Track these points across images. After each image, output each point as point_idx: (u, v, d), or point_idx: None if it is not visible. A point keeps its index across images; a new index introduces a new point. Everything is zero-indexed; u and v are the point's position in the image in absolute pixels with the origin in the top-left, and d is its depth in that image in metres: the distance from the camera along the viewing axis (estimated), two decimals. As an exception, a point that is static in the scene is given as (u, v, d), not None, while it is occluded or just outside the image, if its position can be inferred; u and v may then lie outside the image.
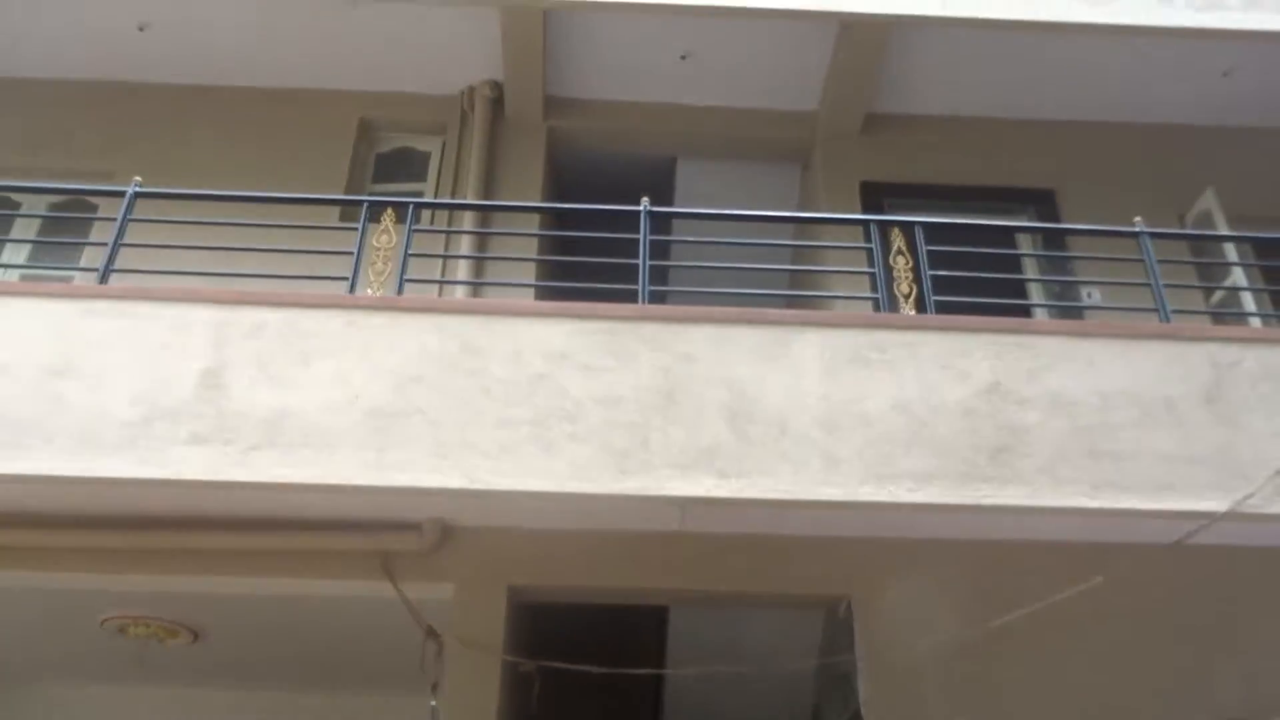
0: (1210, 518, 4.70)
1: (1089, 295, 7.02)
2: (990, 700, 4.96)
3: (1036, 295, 7.31)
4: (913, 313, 5.41)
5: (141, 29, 7.26)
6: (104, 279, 5.28)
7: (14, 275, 6.81)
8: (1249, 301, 6.91)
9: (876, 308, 5.55)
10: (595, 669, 5.03)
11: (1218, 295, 6.99)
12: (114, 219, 5.53)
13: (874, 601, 5.35)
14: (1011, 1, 6.84)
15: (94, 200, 7.12)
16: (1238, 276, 6.93)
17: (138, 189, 5.61)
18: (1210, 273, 7.12)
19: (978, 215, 7.13)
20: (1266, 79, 7.41)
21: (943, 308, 5.43)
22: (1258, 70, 7.35)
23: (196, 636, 6.05)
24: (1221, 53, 7.27)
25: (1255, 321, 6.76)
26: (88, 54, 7.48)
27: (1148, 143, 7.77)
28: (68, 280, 6.47)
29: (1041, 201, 7.69)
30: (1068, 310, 6.91)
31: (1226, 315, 6.84)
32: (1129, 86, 7.59)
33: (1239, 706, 5.29)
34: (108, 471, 4.56)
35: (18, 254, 6.95)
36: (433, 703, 3.97)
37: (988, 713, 4.22)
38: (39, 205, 7.21)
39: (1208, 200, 7.34)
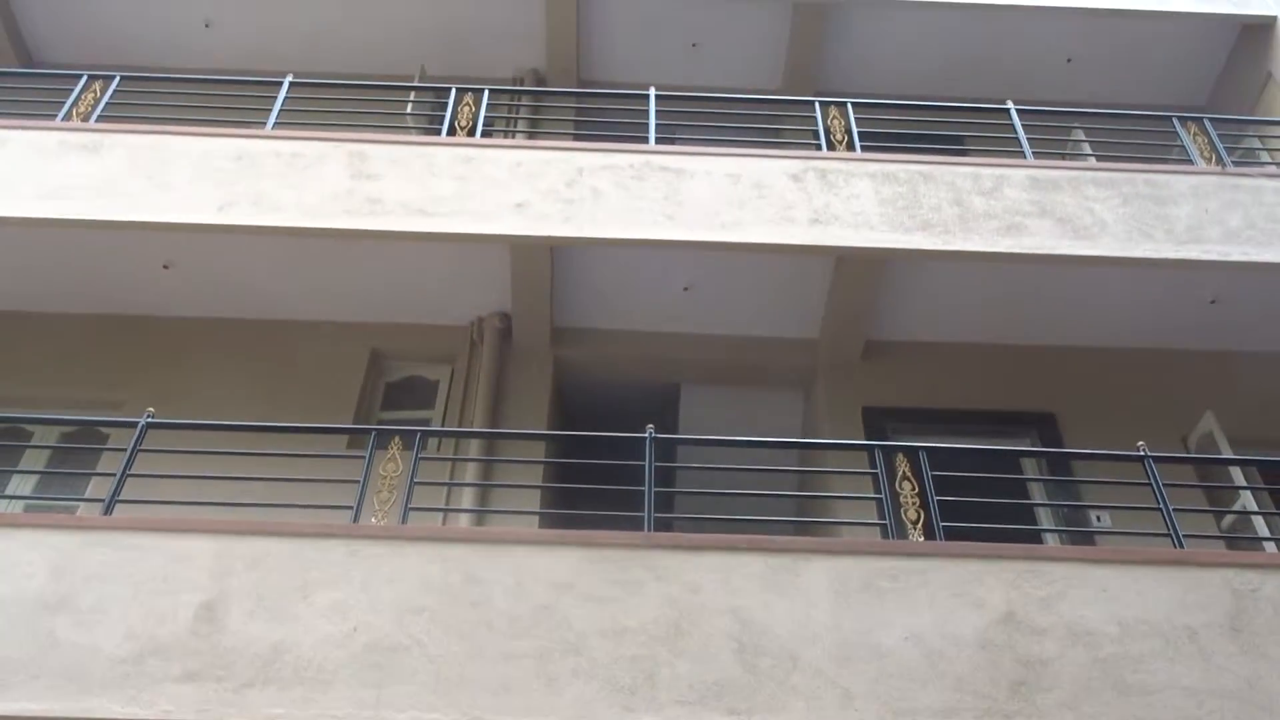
0: (1247, 757, 4.48)
1: (1098, 519, 6.97)
2: None
3: (1045, 520, 7.24)
4: (922, 539, 5.37)
5: (166, 267, 7.57)
6: (109, 510, 5.28)
7: (19, 506, 6.78)
8: (1261, 526, 6.84)
9: (885, 534, 5.51)
10: None
11: (1228, 519, 6.93)
12: (123, 449, 5.59)
13: None
14: (997, 237, 7.15)
15: (105, 430, 7.21)
16: (1246, 500, 6.89)
17: (150, 420, 5.70)
18: (1219, 496, 7.09)
19: (980, 440, 7.18)
20: (1252, 306, 7.62)
21: (952, 534, 5.38)
22: (1242, 298, 7.58)
23: None
24: (1206, 282, 7.52)
25: (1269, 546, 6.68)
26: (109, 290, 7.76)
27: (1145, 367, 7.91)
28: (72, 511, 6.46)
29: (1043, 425, 7.75)
30: (1078, 535, 6.83)
31: (1239, 540, 6.76)
32: (1121, 313, 7.80)
33: None
34: (95, 711, 4.42)
35: (24, 484, 6.97)
36: None
37: None
38: (49, 435, 7.29)
39: (1208, 423, 7.40)
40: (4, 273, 7.55)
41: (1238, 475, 6.96)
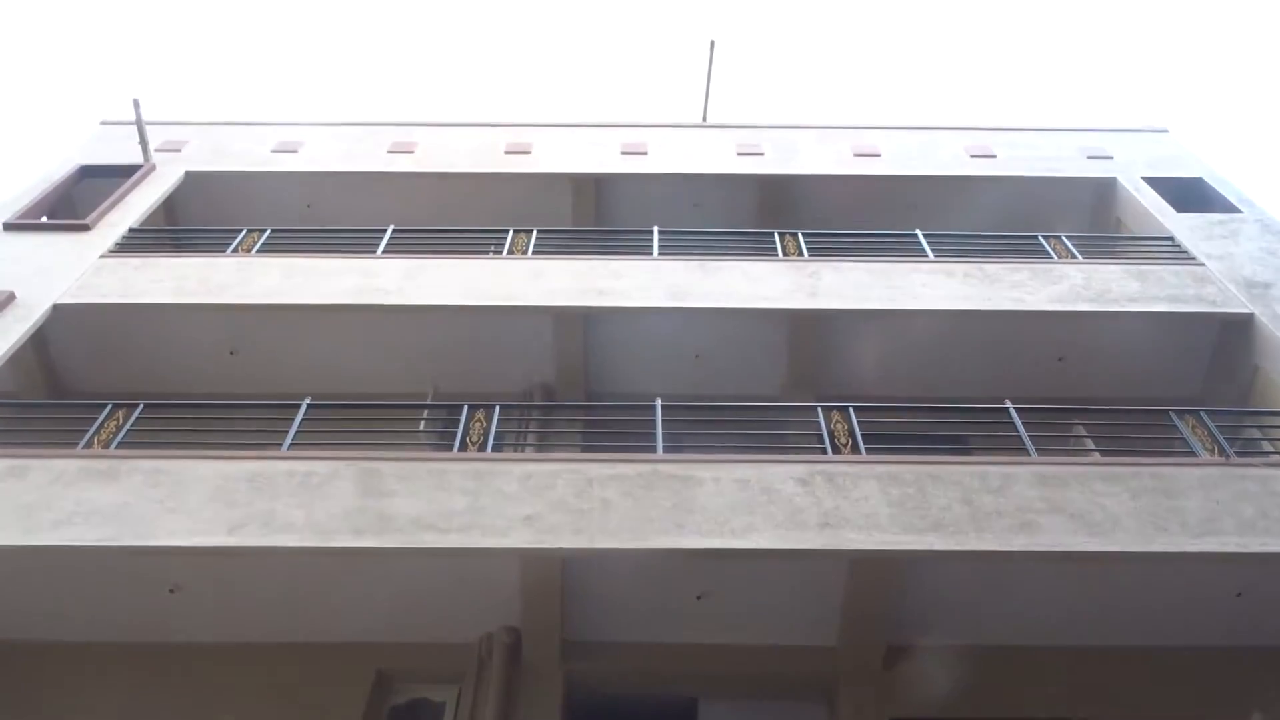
0: None
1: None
2: None
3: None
4: None
5: (172, 591, 7.50)
6: None
7: None
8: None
9: None
10: None
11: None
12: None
13: None
14: (1011, 535, 7.10)
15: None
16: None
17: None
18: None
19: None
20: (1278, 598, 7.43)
21: None
22: (1270, 590, 7.40)
23: None
24: (1229, 575, 7.37)
25: None
26: (115, 616, 7.67)
27: (1181, 667, 7.59)
28: None
29: (1079, 732, 7.35)
30: None
31: None
32: (1147, 610, 7.59)
33: None
34: None
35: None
36: None
37: None
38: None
39: (1257, 724, 7.01)
40: (11, 601, 7.48)
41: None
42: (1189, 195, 12.34)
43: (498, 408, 8.37)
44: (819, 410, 8.41)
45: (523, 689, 7.64)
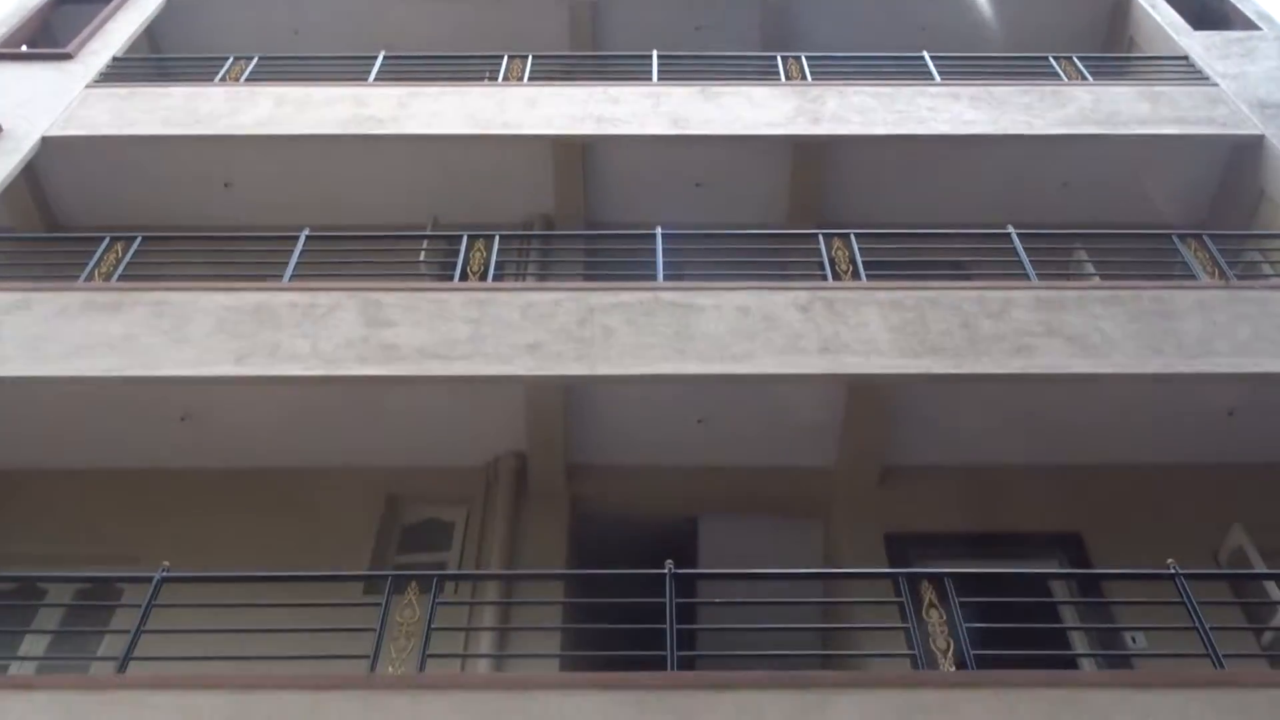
0: None
1: (1133, 641, 6.76)
2: None
3: (1078, 643, 7.03)
4: (953, 669, 5.21)
5: (183, 419, 7.64)
6: (123, 667, 5.19)
7: (32, 667, 6.67)
8: (1302, 645, 6.62)
9: (914, 665, 5.35)
10: None
11: (1268, 636, 6.72)
12: (137, 605, 5.53)
13: None
14: (1008, 358, 7.17)
15: (119, 585, 7.15)
16: (1286, 617, 6.69)
17: (165, 574, 5.66)
18: (1256, 612, 6.89)
19: (1006, 563, 7.03)
20: (1272, 416, 7.57)
21: (983, 661, 5.23)
22: (1261, 409, 7.54)
23: None
24: (1223, 395, 7.49)
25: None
26: (126, 444, 7.82)
27: (1168, 483, 7.80)
28: (85, 670, 6.35)
29: (1069, 546, 7.62)
30: (1114, 659, 6.62)
31: (1281, 657, 6.54)
32: (1139, 429, 7.75)
33: None
34: None
35: (37, 644, 6.87)
36: None
37: None
38: (64, 592, 7.23)
39: (1238, 536, 7.26)
40: (25, 429, 7.63)
41: (1274, 590, 6.78)
42: (1207, 11, 11.93)
43: (497, 237, 8.33)
44: (820, 237, 8.37)
45: (529, 510, 7.89)
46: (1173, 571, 5.68)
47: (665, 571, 5.66)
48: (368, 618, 5.62)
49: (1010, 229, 8.36)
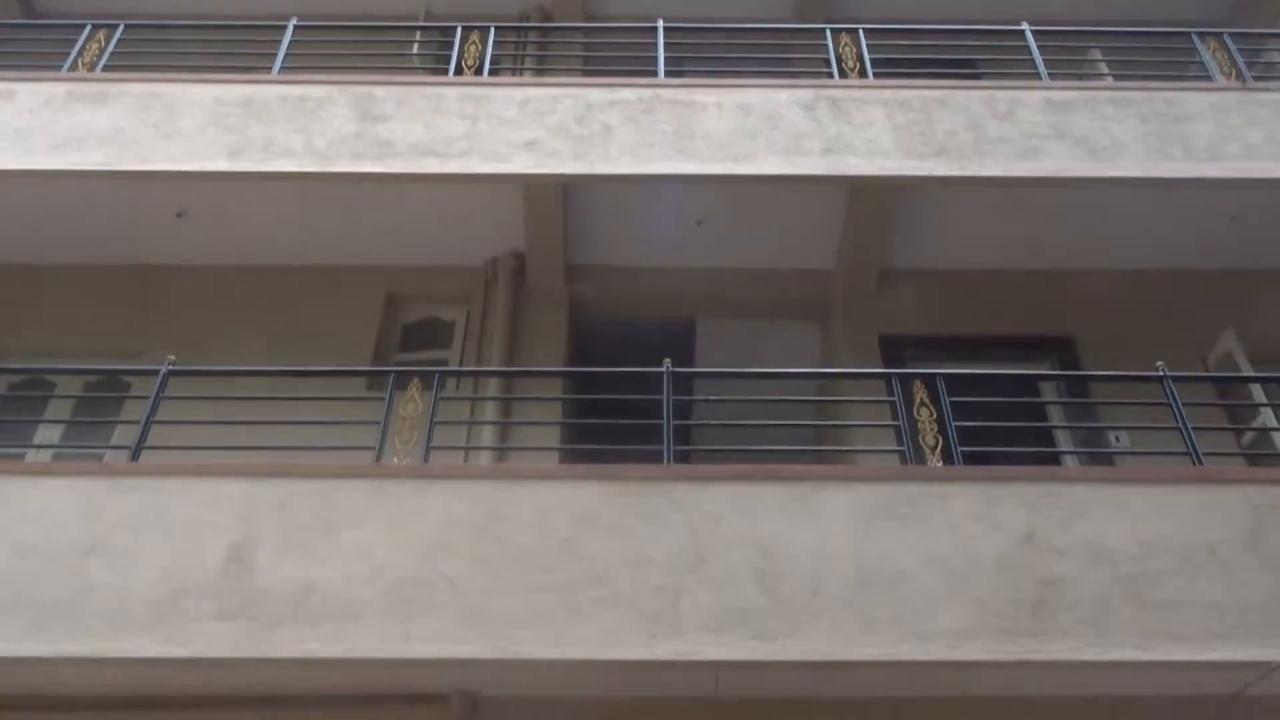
0: (1269, 667, 4.53)
1: (1117, 440, 6.97)
2: None
3: (1064, 443, 7.26)
4: (940, 464, 5.39)
5: (179, 215, 7.58)
6: (135, 456, 5.35)
7: (47, 455, 6.89)
8: (1280, 442, 6.83)
9: (903, 461, 5.53)
10: None
11: (1248, 436, 6.92)
12: (146, 397, 5.65)
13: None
14: (1014, 161, 7.05)
15: (126, 379, 7.29)
16: (1266, 417, 6.87)
17: (171, 367, 5.75)
18: (1238, 415, 7.07)
19: (998, 365, 7.15)
20: (1272, 223, 7.53)
21: (970, 458, 5.40)
22: (1263, 215, 7.49)
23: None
24: (1226, 199, 7.42)
25: (1287, 463, 6.67)
26: (125, 240, 7.78)
27: (1163, 287, 7.84)
28: (99, 458, 6.55)
29: (1061, 349, 7.73)
30: (1097, 457, 6.84)
31: (1260, 457, 6.76)
32: (1139, 234, 7.72)
33: None
34: (133, 652, 4.54)
35: (51, 434, 7.07)
36: None
37: None
38: (73, 385, 7.37)
39: (1228, 341, 7.36)
40: (20, 225, 7.57)
41: (1258, 393, 6.94)
42: None
43: (493, 29, 8.02)
44: (827, 32, 8.07)
45: (528, 310, 7.94)
46: (1160, 374, 5.79)
47: (663, 370, 5.76)
48: (372, 412, 5.76)
49: (1024, 25, 8.06)
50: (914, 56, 8.44)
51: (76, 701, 4.93)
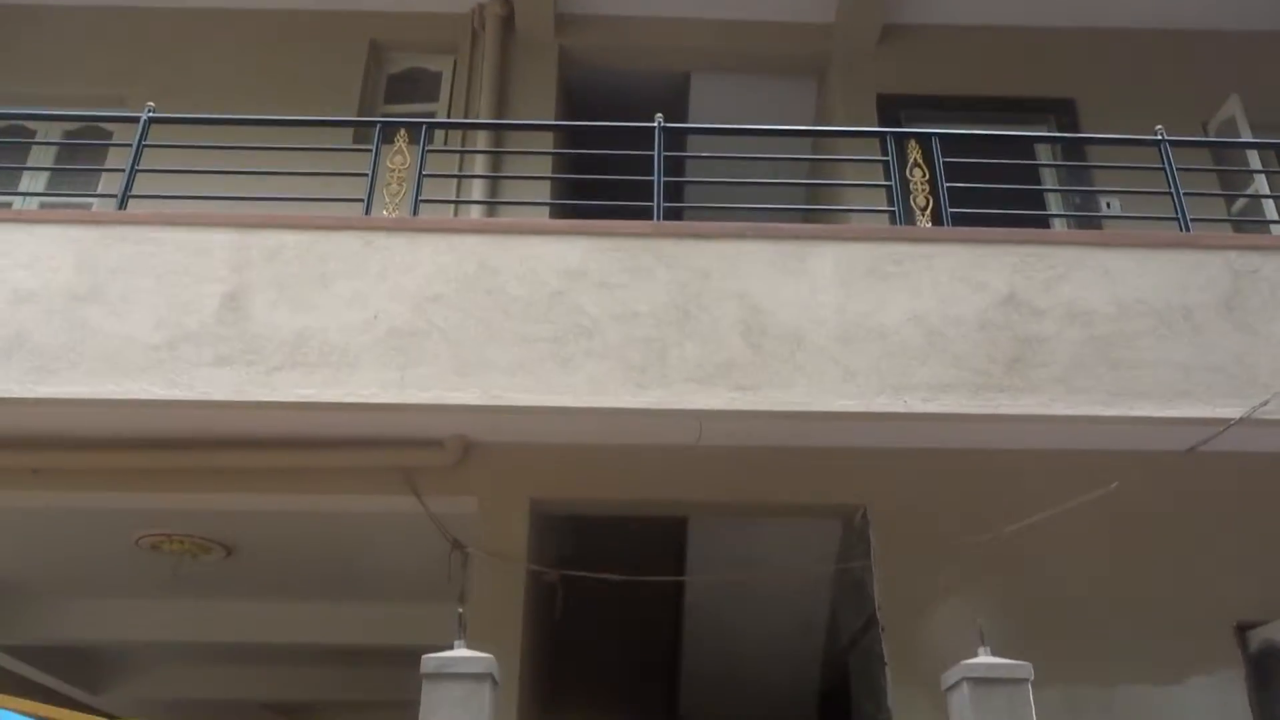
0: (1225, 424, 4.73)
1: (1108, 205, 6.97)
2: (1003, 603, 5.06)
3: (1055, 206, 7.25)
4: (929, 225, 5.40)
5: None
6: (122, 204, 5.33)
7: (33, 203, 6.84)
8: (1271, 209, 6.83)
9: (893, 221, 5.54)
10: (616, 577, 5.16)
11: (1239, 203, 6.92)
12: (129, 144, 5.55)
13: (890, 510, 5.44)
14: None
15: (108, 127, 7.14)
16: (1260, 184, 6.84)
17: (151, 114, 5.62)
18: (1232, 181, 7.04)
19: (996, 126, 7.04)
20: (1291, -19, 7.23)
21: (960, 220, 5.41)
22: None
23: (229, 552, 6.23)
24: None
25: (1276, 230, 6.69)
26: None
27: (1170, 49, 7.61)
28: (86, 207, 6.52)
29: (1061, 111, 7.58)
30: (1086, 220, 6.85)
31: (1248, 224, 6.78)
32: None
33: (1249, 609, 5.40)
34: (137, 394, 4.66)
35: (35, 182, 7.00)
36: (460, 610, 4.10)
37: (1002, 614, 4.32)
38: (54, 133, 7.23)
39: (1232, 107, 7.22)
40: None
41: (1254, 160, 6.88)
42: None
43: None
44: None
45: (517, 61, 7.69)
46: (1159, 139, 5.71)
47: (654, 125, 5.65)
48: (359, 164, 5.68)
49: None
50: None
51: (85, 442, 5.14)
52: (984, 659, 3.79)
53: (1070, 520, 5.05)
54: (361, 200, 5.38)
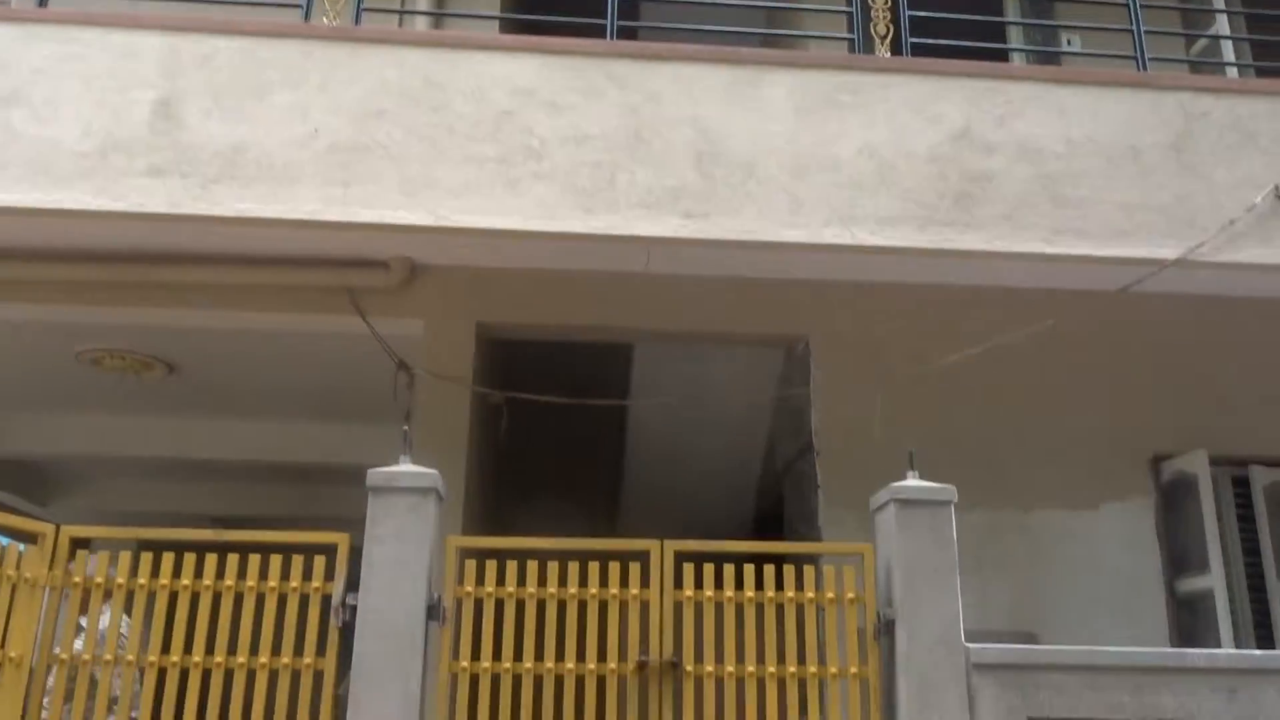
0: (1161, 265, 4.83)
1: (1068, 42, 6.86)
2: (935, 431, 5.23)
3: (1016, 40, 7.12)
4: (888, 55, 5.29)
5: None
6: (43, 2, 5.02)
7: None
8: (1229, 51, 6.77)
9: (852, 49, 5.41)
10: (562, 400, 5.24)
11: (1200, 44, 6.85)
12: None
13: (831, 341, 5.55)
14: None
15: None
16: (1221, 25, 6.76)
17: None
18: (1195, 21, 6.94)
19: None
20: None
21: (919, 50, 5.30)
22: None
23: (172, 369, 6.21)
24: None
25: (1232, 72, 6.66)
26: None
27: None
28: (5, 3, 6.13)
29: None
30: (1046, 57, 6.76)
31: (1206, 65, 6.73)
32: None
33: (1167, 441, 5.66)
34: (67, 203, 4.53)
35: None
36: (405, 428, 4.15)
37: (932, 442, 4.48)
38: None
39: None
40: None
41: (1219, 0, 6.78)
42: None
43: None
44: None
45: None
46: (1124, -30, 5.58)
47: (610, -63, 5.39)
48: (297, -35, 5.37)
49: None
50: None
51: (19, 253, 5.00)
52: (911, 482, 3.95)
53: (1004, 355, 5.19)
54: (300, 6, 5.12)
